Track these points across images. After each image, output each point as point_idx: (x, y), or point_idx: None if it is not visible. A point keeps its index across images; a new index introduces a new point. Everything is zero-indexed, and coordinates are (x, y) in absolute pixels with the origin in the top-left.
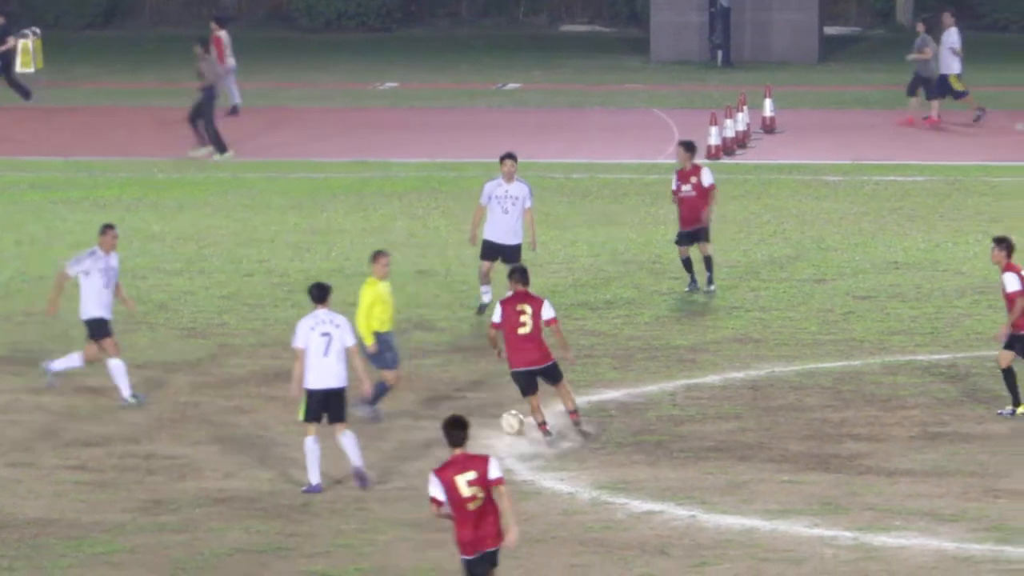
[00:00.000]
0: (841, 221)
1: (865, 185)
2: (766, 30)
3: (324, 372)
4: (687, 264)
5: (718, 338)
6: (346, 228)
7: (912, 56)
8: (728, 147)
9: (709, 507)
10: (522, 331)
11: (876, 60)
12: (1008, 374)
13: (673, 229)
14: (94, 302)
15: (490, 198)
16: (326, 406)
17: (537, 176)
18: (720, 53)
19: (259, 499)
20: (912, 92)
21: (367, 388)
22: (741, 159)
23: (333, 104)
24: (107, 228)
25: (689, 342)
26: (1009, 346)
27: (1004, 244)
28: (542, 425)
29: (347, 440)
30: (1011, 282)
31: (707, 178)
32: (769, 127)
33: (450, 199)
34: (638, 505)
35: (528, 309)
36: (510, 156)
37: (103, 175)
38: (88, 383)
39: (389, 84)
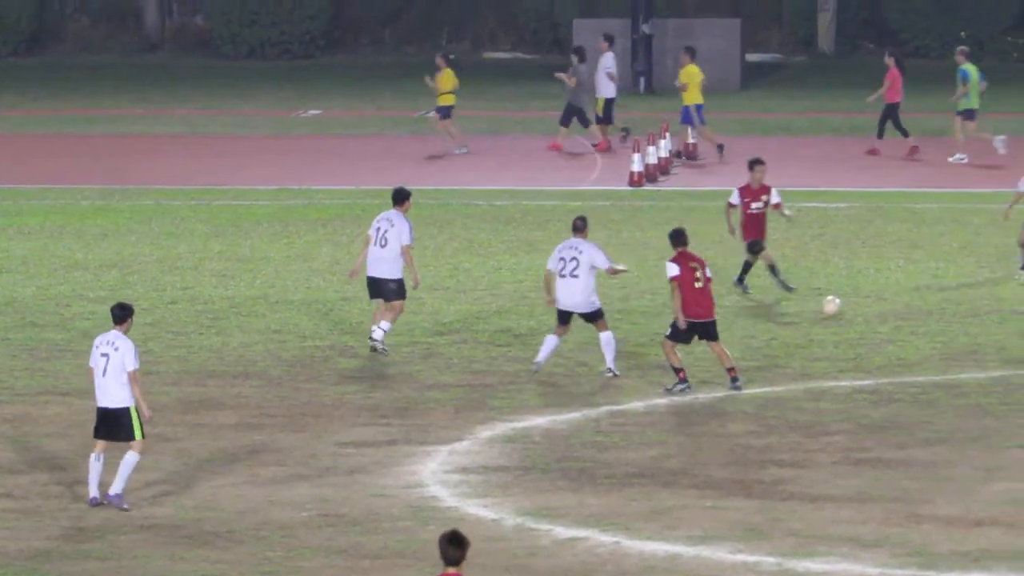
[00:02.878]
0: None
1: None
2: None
3: (101, 392)
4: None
5: (641, 364)
6: (270, 255)
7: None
8: (651, 174)
9: (633, 533)
10: (698, 285)
11: (797, 87)
12: None
13: None
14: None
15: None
16: (107, 426)
17: (461, 203)
18: (643, 80)
19: (184, 526)
20: (565, 123)
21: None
22: (663, 186)
23: (257, 132)
24: None
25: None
26: None
27: None
28: (680, 372)
29: (125, 462)
30: None
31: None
32: (691, 154)
33: None
34: (562, 531)
35: (698, 266)
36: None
37: (27, 202)
38: (8, 411)
39: (312, 111)
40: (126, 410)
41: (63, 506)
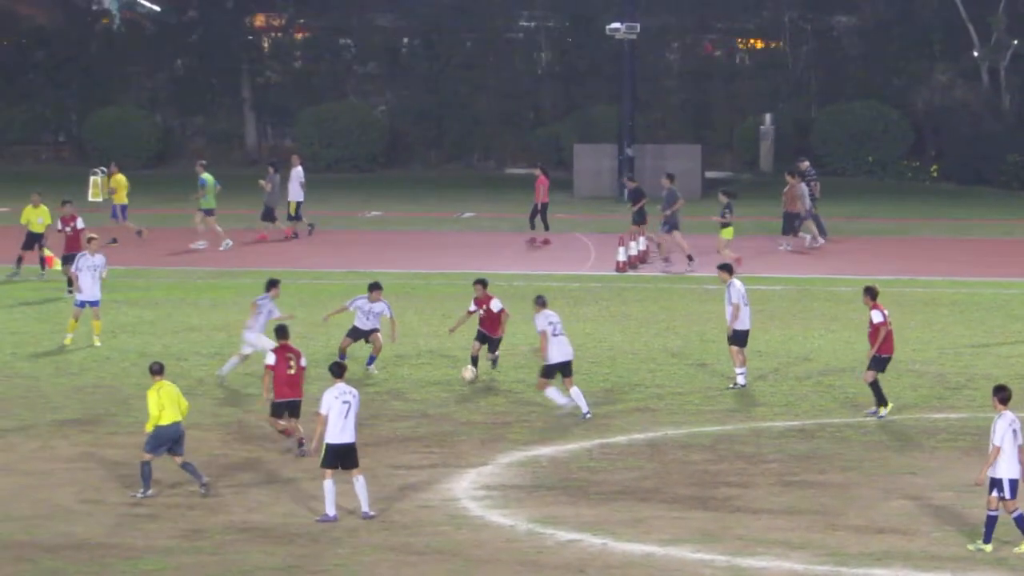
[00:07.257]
0: (718, 320)
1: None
2: (661, 173)
3: (342, 431)
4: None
5: (625, 408)
6: None
7: None
8: (632, 263)
9: (617, 537)
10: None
11: (744, 197)
12: (874, 385)
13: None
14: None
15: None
16: (341, 458)
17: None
18: (625, 191)
19: (273, 529)
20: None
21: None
22: (642, 272)
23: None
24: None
25: (603, 411)
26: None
27: (868, 291)
28: None
29: (362, 485)
30: (875, 316)
31: (496, 305)
32: None
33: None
34: (563, 535)
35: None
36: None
37: (155, 280)
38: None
39: (374, 212)
40: (354, 444)
41: (181, 513)
